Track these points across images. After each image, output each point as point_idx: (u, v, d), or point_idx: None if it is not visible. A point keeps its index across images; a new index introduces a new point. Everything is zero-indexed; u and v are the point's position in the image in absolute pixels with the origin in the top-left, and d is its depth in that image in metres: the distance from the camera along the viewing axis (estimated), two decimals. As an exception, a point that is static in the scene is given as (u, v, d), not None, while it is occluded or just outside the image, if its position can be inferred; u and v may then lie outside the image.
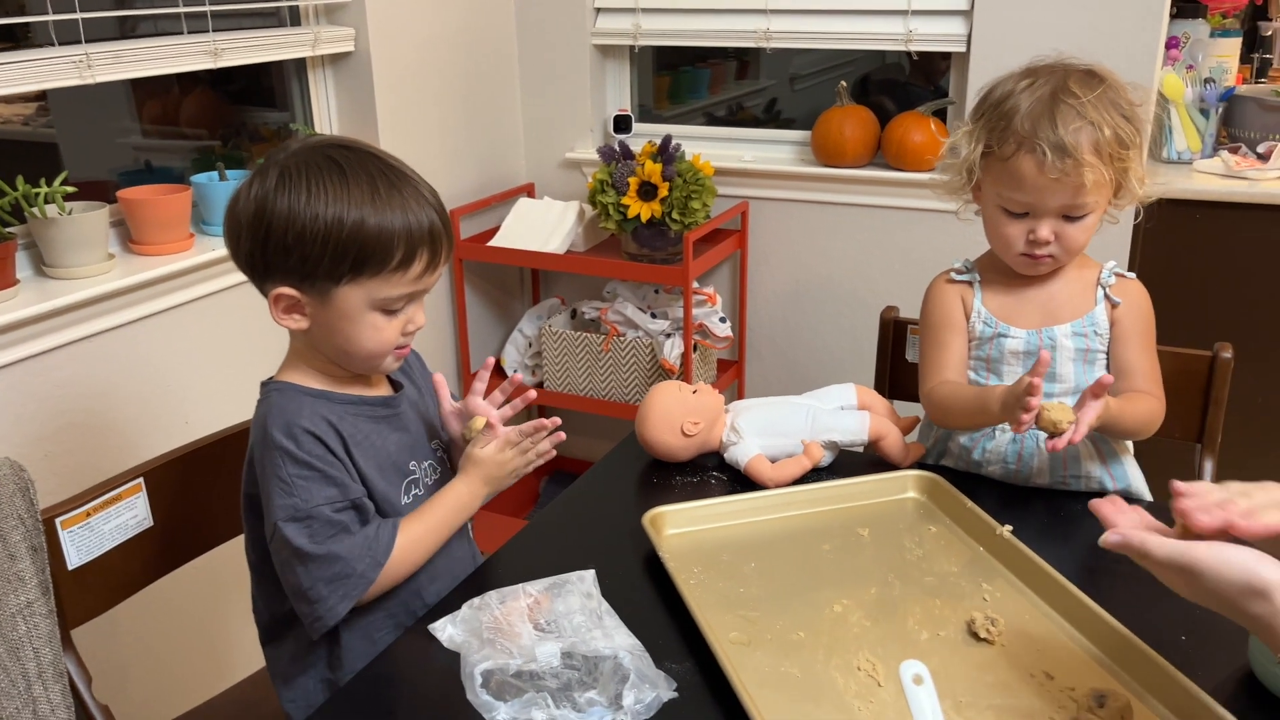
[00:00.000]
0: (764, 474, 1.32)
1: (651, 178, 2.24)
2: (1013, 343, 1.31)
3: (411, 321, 1.08)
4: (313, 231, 1.00)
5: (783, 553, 1.19)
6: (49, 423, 1.56)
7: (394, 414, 1.16)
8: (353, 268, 1.02)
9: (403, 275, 1.04)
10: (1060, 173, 1.18)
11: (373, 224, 1.00)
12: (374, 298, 1.04)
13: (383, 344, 1.07)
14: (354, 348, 1.07)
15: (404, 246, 1.02)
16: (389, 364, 1.12)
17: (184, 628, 1.84)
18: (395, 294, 1.04)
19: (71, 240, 1.57)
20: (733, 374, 2.53)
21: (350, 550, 1.05)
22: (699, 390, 1.39)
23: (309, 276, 1.03)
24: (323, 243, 1.00)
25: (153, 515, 1.29)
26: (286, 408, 1.07)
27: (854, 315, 2.42)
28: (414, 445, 1.18)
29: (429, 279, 1.07)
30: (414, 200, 1.04)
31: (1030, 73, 1.24)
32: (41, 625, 0.98)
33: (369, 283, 1.03)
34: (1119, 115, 1.20)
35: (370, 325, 1.05)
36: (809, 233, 2.42)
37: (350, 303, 1.04)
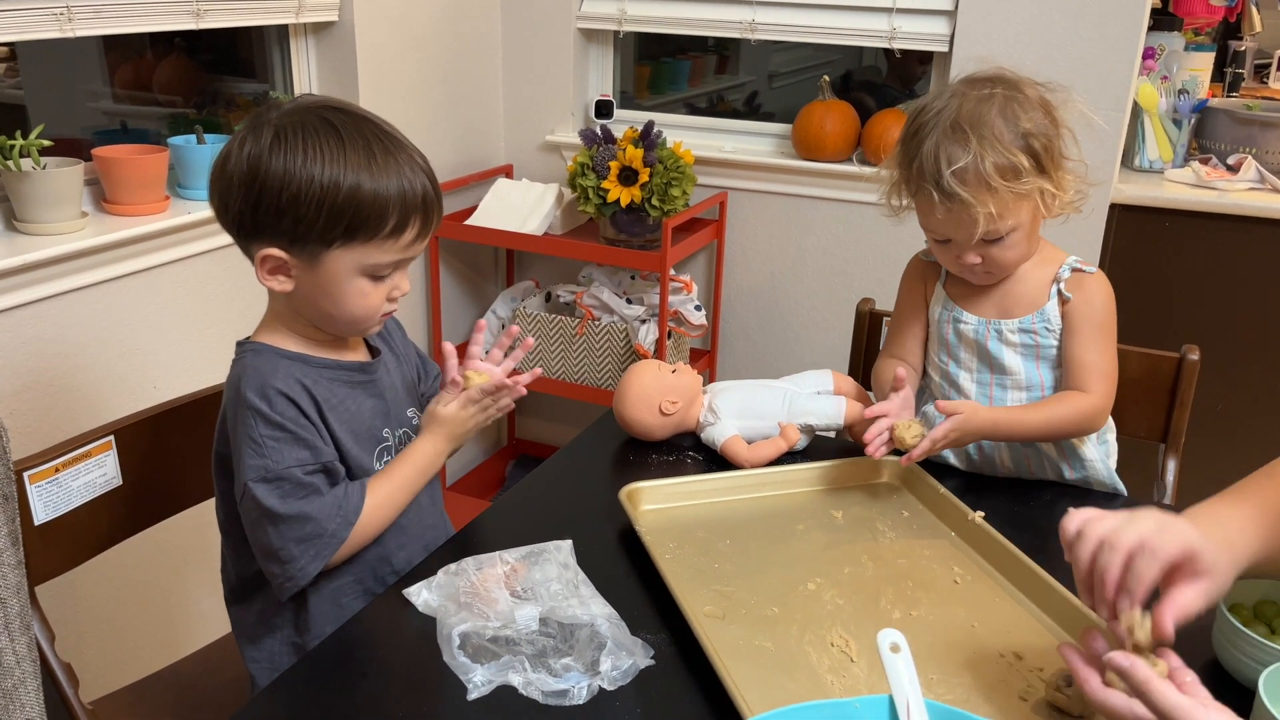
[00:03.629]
0: (740, 454, 1.33)
1: (632, 163, 2.24)
2: (965, 328, 1.33)
3: (397, 288, 1.07)
4: (308, 194, 0.98)
5: (757, 531, 1.20)
6: (14, 380, 1.53)
7: (369, 380, 1.16)
8: (345, 232, 1.01)
9: (395, 242, 1.03)
10: (954, 212, 1.21)
11: (369, 189, 1.00)
12: (364, 263, 1.03)
13: (368, 310, 1.07)
14: (339, 312, 1.07)
15: (398, 213, 1.01)
16: (374, 327, 1.12)
17: (143, 593, 1.81)
18: (385, 260, 1.04)
19: (45, 196, 1.54)
20: (705, 362, 2.54)
21: (320, 510, 1.05)
22: (678, 370, 1.40)
23: (300, 239, 1.01)
24: (317, 206, 0.98)
25: (122, 474, 1.27)
26: (261, 368, 1.06)
27: (828, 308, 2.44)
28: (389, 412, 1.17)
29: (418, 247, 1.06)
30: (408, 167, 1.03)
31: (955, 93, 1.23)
32: (9, 576, 0.96)
33: (360, 248, 1.02)
34: (1013, 140, 1.18)
35: (357, 290, 1.05)
36: (786, 225, 2.43)
37: (339, 267, 1.03)
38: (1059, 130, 1.23)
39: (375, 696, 0.91)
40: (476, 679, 0.90)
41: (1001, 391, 1.32)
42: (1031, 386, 1.32)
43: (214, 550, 1.95)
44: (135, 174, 1.68)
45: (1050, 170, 1.21)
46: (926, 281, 1.40)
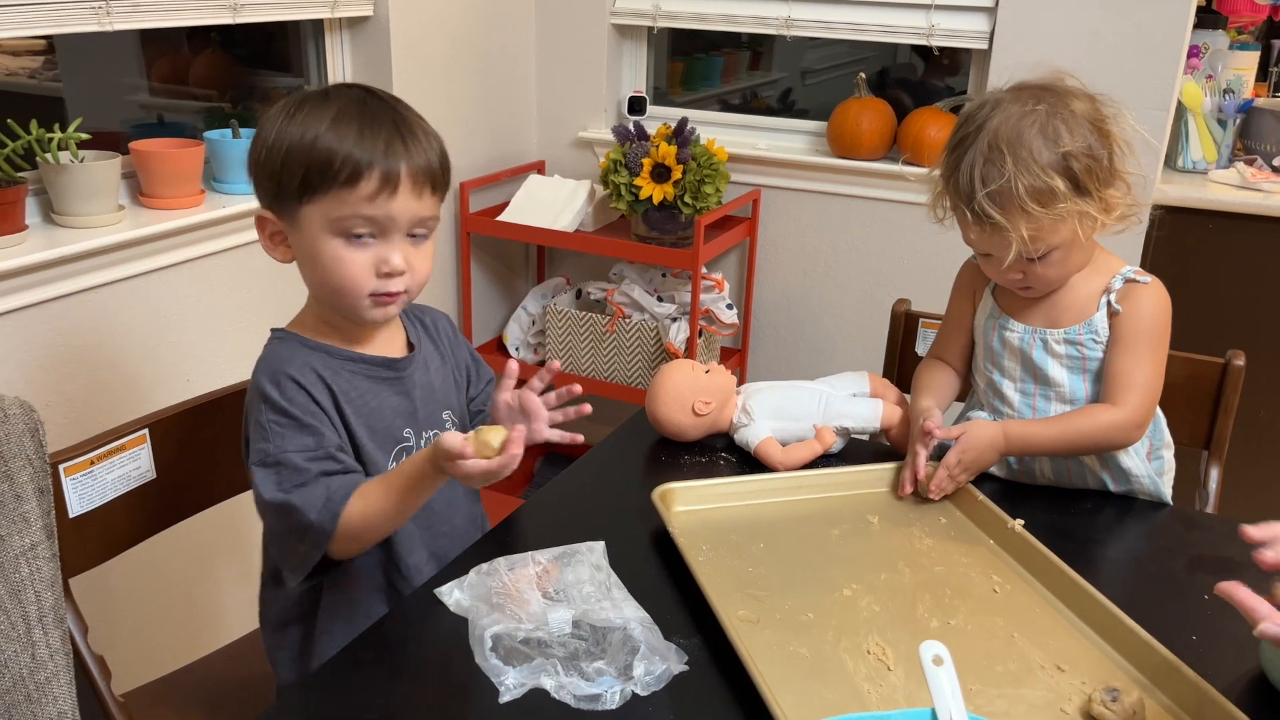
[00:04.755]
0: (774, 457, 1.31)
1: (665, 160, 2.23)
2: (1010, 336, 1.30)
3: (385, 261, 1.02)
4: (277, 147, 1.01)
5: (792, 535, 1.18)
6: (50, 371, 1.54)
7: (396, 377, 1.12)
8: (303, 182, 1.00)
9: (352, 192, 0.99)
10: (988, 233, 1.18)
11: (325, 139, 0.99)
12: (328, 218, 1.00)
13: (349, 280, 1.02)
14: (324, 281, 1.04)
15: (352, 162, 0.98)
16: (369, 310, 1.05)
17: (172, 586, 1.82)
18: (346, 213, 1.00)
19: (82, 188, 1.55)
20: (736, 361, 2.52)
21: (306, 500, 1.00)
22: (711, 370, 1.38)
23: (278, 196, 1.03)
24: (284, 157, 1.00)
25: (156, 468, 1.28)
26: (280, 355, 1.07)
27: (861, 308, 2.41)
28: (415, 412, 1.14)
29: (387, 205, 1.00)
30: (382, 126, 1.01)
31: (998, 104, 1.19)
32: (44, 569, 0.96)
33: (323, 201, 1.00)
34: (1052, 162, 1.14)
35: (332, 254, 1.01)
36: (820, 223, 2.41)
37: (312, 226, 1.01)
38: (1109, 147, 1.19)
39: (407, 696, 0.91)
40: (508, 681, 0.89)
41: (1045, 403, 1.29)
42: (1075, 400, 1.28)
43: (242, 544, 1.97)
44: (171, 168, 1.68)
45: (1092, 191, 1.17)
46: (976, 288, 1.37)
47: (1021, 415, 1.30)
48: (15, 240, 1.47)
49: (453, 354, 1.23)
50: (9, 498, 0.94)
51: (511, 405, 1.13)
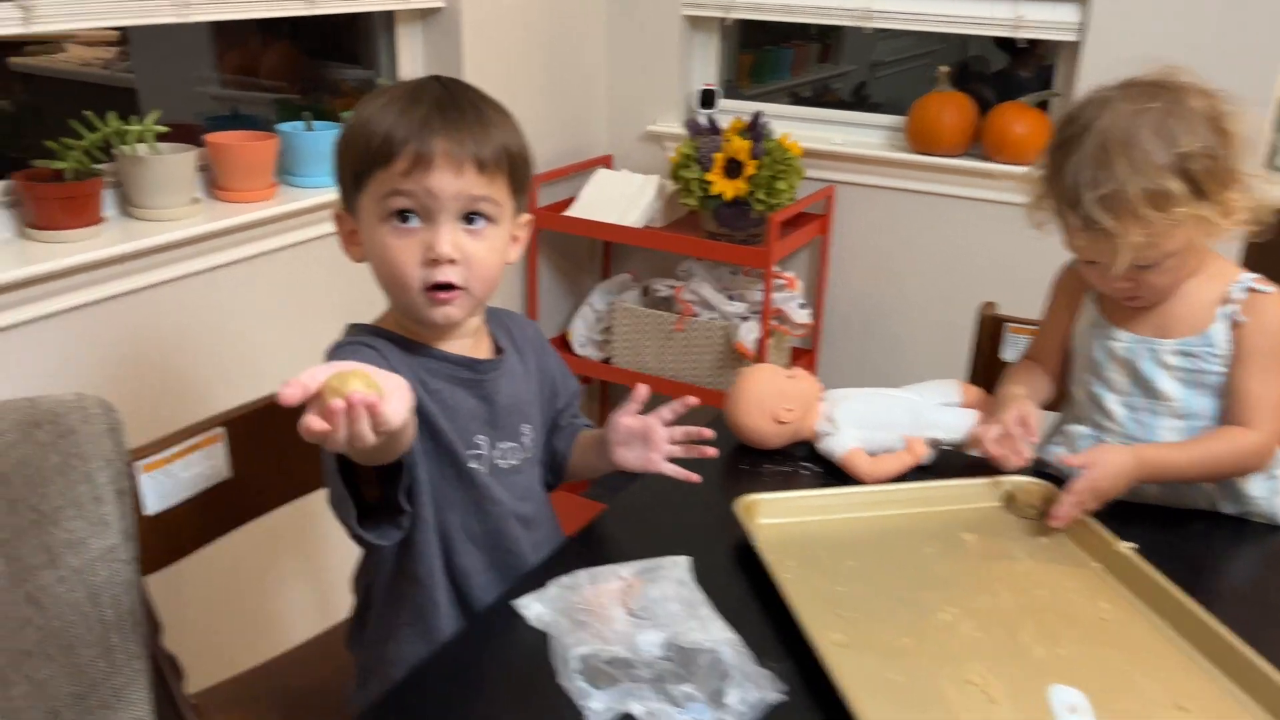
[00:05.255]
0: (861, 468, 1.26)
1: (738, 155, 2.17)
2: (1116, 346, 1.23)
3: (430, 247, 0.95)
4: (340, 139, 1.00)
5: (882, 553, 1.13)
6: (124, 365, 1.54)
7: (477, 379, 1.06)
8: (353, 168, 0.97)
9: (385, 171, 0.94)
10: (1096, 239, 1.12)
11: (372, 122, 0.96)
12: (375, 201, 0.96)
13: (397, 269, 0.96)
14: (380, 274, 1.00)
15: (386, 140, 0.94)
16: (426, 308, 0.98)
17: (243, 585, 1.82)
18: (385, 189, 0.95)
19: (159, 181, 1.54)
20: (806, 362, 2.46)
21: None
22: (795, 375, 1.33)
23: (343, 190, 1.01)
24: (342, 146, 0.99)
25: (231, 466, 1.26)
26: (356, 335, 1.03)
27: (939, 310, 2.34)
28: (493, 420, 1.07)
29: (423, 179, 0.93)
30: (423, 104, 0.96)
31: (1107, 102, 1.12)
32: (123, 572, 0.95)
33: (370, 186, 0.97)
34: (1168, 163, 1.07)
35: (382, 241, 0.97)
36: (897, 221, 2.34)
37: (368, 212, 0.98)
38: (1229, 146, 1.11)
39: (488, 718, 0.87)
40: (595, 705, 0.85)
41: (1153, 418, 1.22)
42: (1190, 415, 1.20)
43: (310, 544, 1.96)
44: (246, 160, 1.67)
45: (1212, 194, 1.10)
46: (1075, 293, 1.30)
47: (1127, 430, 1.23)
48: (92, 233, 1.47)
49: (538, 365, 1.16)
50: (88, 499, 0.93)
51: (633, 430, 1.10)
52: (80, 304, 1.45)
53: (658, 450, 1.10)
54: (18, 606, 0.91)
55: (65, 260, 1.39)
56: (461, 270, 0.97)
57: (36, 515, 0.91)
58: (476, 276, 0.98)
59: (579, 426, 1.22)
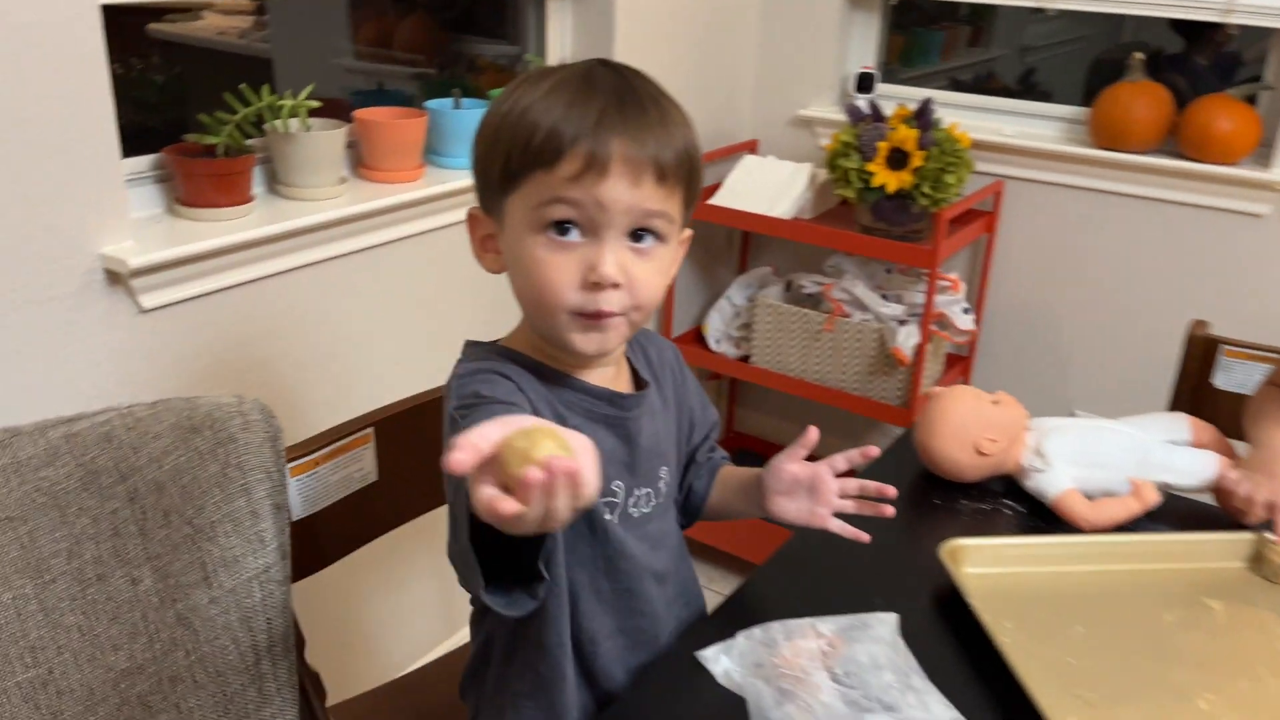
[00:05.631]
0: (1079, 513, 1.10)
1: (905, 145, 2.01)
2: None
3: (593, 268, 0.79)
4: (487, 128, 0.83)
5: (1114, 618, 0.98)
6: (264, 350, 1.47)
7: (619, 417, 0.89)
8: (505, 163, 0.80)
9: (550, 173, 0.78)
10: None
11: (532, 113, 0.79)
12: (528, 207, 0.80)
13: (548, 289, 0.80)
14: (522, 290, 0.84)
15: (553, 137, 0.77)
16: (572, 334, 0.82)
17: (377, 595, 1.75)
18: (545, 196, 0.79)
19: (308, 159, 1.47)
20: (958, 371, 2.29)
21: None
22: (1000, 401, 1.18)
23: (484, 187, 0.85)
24: (493, 136, 0.82)
25: (379, 469, 1.18)
26: (481, 361, 0.85)
27: (1121, 326, 2.13)
28: (632, 464, 0.91)
29: (593, 188, 0.78)
30: (598, 97, 0.79)
31: None
32: (277, 593, 0.87)
33: (523, 188, 0.80)
34: None
35: (531, 255, 0.80)
36: (1073, 222, 2.14)
37: (516, 218, 0.81)
38: None
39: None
40: (812, 799, 0.73)
41: None
42: None
43: (443, 551, 1.89)
44: (395, 139, 1.59)
45: None
46: None
47: None
48: (242, 212, 1.40)
49: (676, 395, 1.00)
50: (245, 515, 0.84)
51: (799, 479, 0.93)
52: (224, 286, 1.38)
53: (825, 504, 0.94)
54: (167, 627, 0.83)
55: (216, 240, 1.32)
56: (623, 296, 0.81)
57: (191, 529, 0.83)
58: (638, 303, 0.83)
59: (718, 462, 1.06)
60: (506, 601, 0.73)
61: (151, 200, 1.39)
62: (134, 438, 0.83)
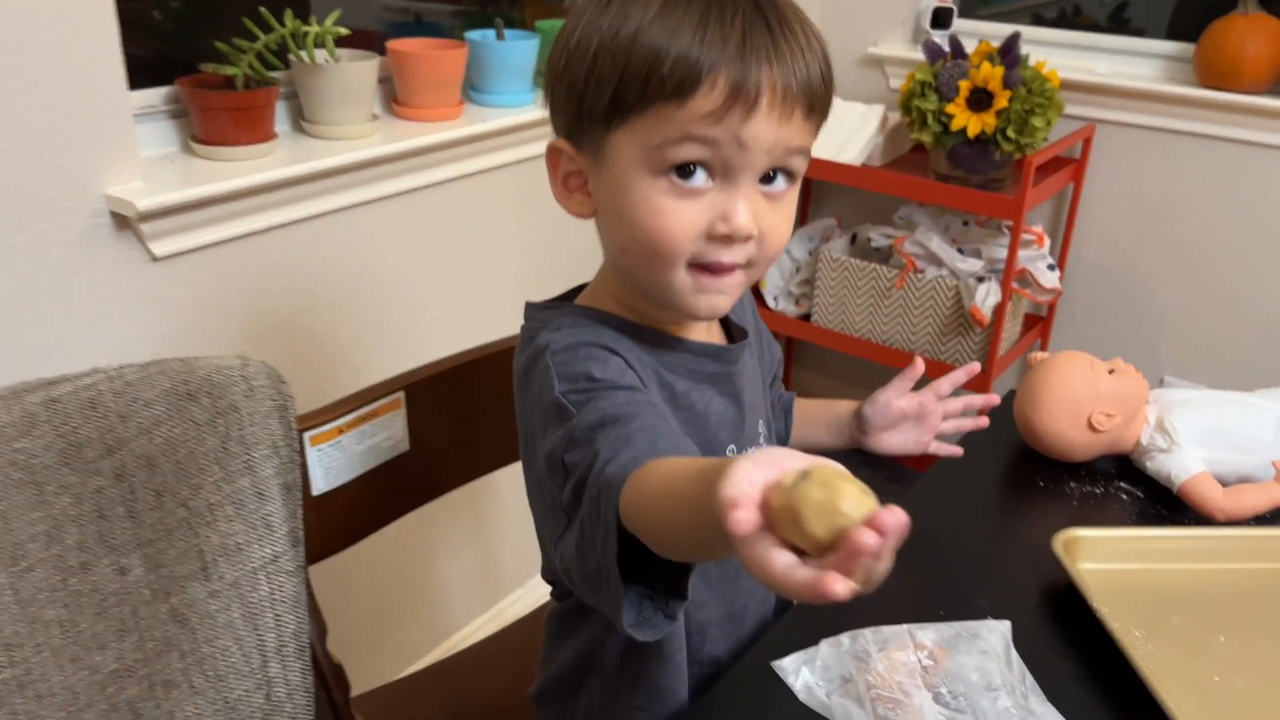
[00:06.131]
0: (1212, 500, 0.95)
1: (989, 84, 1.83)
2: None
3: (725, 218, 0.68)
4: (581, 50, 0.68)
5: (1262, 627, 0.84)
6: (288, 304, 1.36)
7: (725, 372, 0.80)
8: (615, 95, 0.67)
9: (681, 107, 0.65)
10: None
11: (649, 33, 0.65)
12: (646, 146, 0.67)
13: (664, 239, 0.68)
14: (630, 240, 0.70)
15: (685, 64, 0.64)
16: (687, 294, 0.71)
17: (407, 575, 1.65)
18: (672, 134, 0.66)
19: (337, 93, 1.34)
20: (1036, 334, 2.12)
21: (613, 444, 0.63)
22: (1116, 370, 1.03)
23: (580, 119, 0.70)
24: (591, 61, 0.68)
25: (410, 438, 1.06)
26: (575, 330, 0.73)
27: (1220, 287, 1.94)
28: (741, 423, 0.82)
29: (738, 129, 0.65)
30: (738, 13, 0.65)
31: None
32: (287, 586, 0.75)
33: (640, 121, 0.67)
34: None
35: (645, 200, 0.68)
36: (1172, 171, 1.95)
37: (625, 157, 0.68)
38: None
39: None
40: None
41: None
42: None
43: (485, 528, 1.78)
44: (432, 72, 1.45)
45: None
46: None
47: None
48: (264, 150, 1.27)
49: (757, 340, 0.90)
50: (250, 496, 0.72)
51: (905, 412, 0.91)
52: (245, 233, 1.26)
53: (930, 431, 0.95)
54: (160, 624, 0.72)
55: (234, 181, 1.20)
56: (751, 248, 0.70)
57: (187, 512, 0.72)
58: (765, 255, 0.71)
59: (789, 399, 1.01)
60: (646, 628, 0.61)
61: (164, 137, 1.27)
62: (122, 405, 0.71)
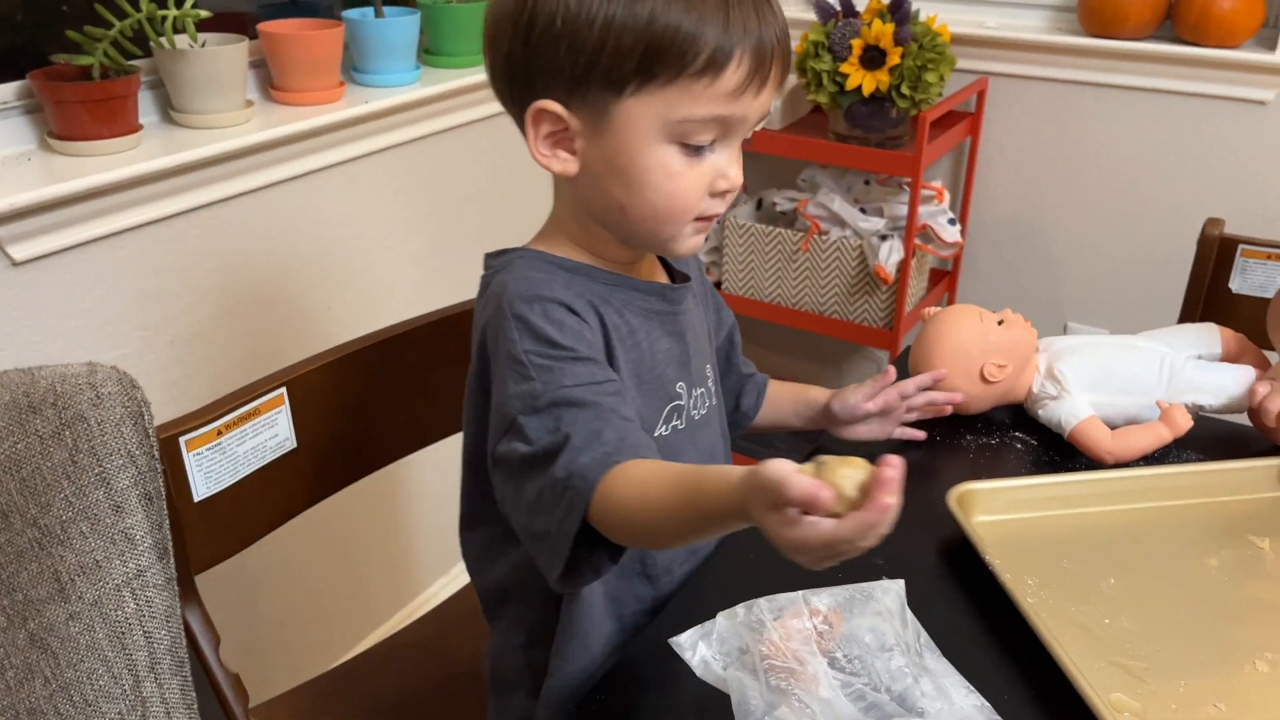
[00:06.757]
0: (1101, 444, 0.96)
1: (880, 41, 1.83)
2: None
3: (723, 176, 0.74)
4: (591, 13, 0.69)
5: (1150, 566, 0.85)
6: (173, 303, 1.30)
7: (671, 312, 0.84)
8: (641, 65, 0.69)
9: (710, 84, 0.69)
10: None
11: (679, 3, 0.68)
12: (669, 117, 0.70)
13: (680, 200, 0.74)
14: (637, 201, 0.74)
15: (716, 39, 0.68)
16: (686, 240, 0.77)
17: (314, 575, 1.60)
18: (699, 114, 0.70)
19: (204, 79, 1.28)
20: (943, 288, 2.14)
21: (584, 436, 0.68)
22: (1005, 320, 1.03)
23: (582, 81, 0.71)
24: (603, 27, 0.68)
25: (296, 435, 1.02)
26: (532, 277, 0.77)
27: (1117, 231, 1.98)
28: (688, 362, 0.86)
29: (749, 102, 0.71)
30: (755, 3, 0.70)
31: None
32: (156, 601, 0.71)
33: (662, 93, 0.70)
34: None
35: (660, 165, 0.72)
36: (1064, 120, 1.97)
37: (635, 126, 0.71)
38: None
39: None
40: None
41: None
42: None
43: (394, 519, 1.74)
44: (308, 54, 1.39)
45: None
46: None
47: None
48: (128, 144, 1.21)
49: (703, 291, 0.94)
50: (106, 510, 0.69)
51: (874, 412, 0.99)
52: (113, 231, 1.20)
53: (895, 423, 1.02)
54: (19, 651, 0.68)
55: (96, 177, 1.14)
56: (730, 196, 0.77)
57: (38, 532, 0.67)
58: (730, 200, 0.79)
59: (761, 381, 1.05)
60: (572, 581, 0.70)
61: (19, 135, 1.20)
62: (-41, 422, 0.66)
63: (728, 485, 0.58)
